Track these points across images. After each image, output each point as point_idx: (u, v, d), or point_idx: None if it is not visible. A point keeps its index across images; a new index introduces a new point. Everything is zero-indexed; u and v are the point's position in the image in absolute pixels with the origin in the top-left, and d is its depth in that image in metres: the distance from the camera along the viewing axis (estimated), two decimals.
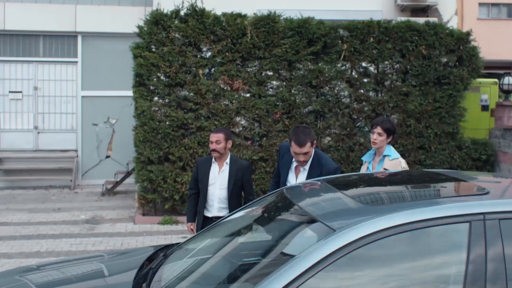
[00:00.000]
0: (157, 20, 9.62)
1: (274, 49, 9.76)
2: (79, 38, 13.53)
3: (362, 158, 5.42)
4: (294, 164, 4.99)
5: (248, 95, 9.93)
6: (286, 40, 9.77)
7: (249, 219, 3.53)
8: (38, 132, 13.58)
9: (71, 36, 13.53)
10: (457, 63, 10.18)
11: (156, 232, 9.18)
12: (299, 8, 10.72)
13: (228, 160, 5.43)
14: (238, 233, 3.42)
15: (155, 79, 9.64)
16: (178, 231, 9.25)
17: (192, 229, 5.61)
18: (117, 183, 12.59)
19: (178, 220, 9.79)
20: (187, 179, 9.63)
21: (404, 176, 3.89)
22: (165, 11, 9.72)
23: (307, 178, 4.81)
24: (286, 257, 2.64)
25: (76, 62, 13.56)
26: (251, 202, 3.90)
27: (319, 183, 3.50)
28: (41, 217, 10.12)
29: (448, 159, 10.15)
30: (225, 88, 9.80)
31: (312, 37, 9.85)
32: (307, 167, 4.89)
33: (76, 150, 13.65)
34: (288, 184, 4.95)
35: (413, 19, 10.74)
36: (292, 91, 9.93)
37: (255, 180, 9.84)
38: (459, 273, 2.53)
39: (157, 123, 9.63)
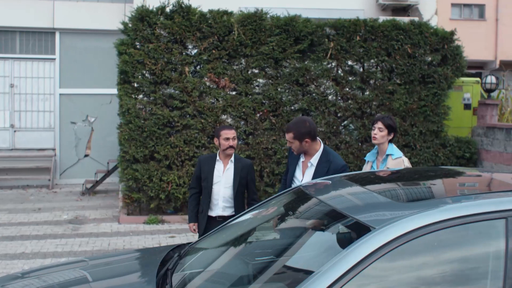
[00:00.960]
0: (143, 17, 9.47)
1: (261, 46, 9.71)
2: (57, 35, 13.25)
3: (365, 158, 5.38)
4: (302, 159, 4.96)
5: (234, 93, 9.86)
6: (273, 38, 9.72)
7: (270, 217, 3.47)
8: (15, 131, 13.26)
9: (49, 33, 13.25)
10: (441, 62, 10.26)
11: (143, 232, 9.04)
12: (282, 6, 10.68)
13: (232, 158, 5.35)
14: (263, 231, 3.35)
15: (140, 77, 9.49)
16: (165, 230, 9.12)
17: (194, 229, 5.49)
18: (97, 182, 12.38)
19: (164, 219, 9.67)
20: (173, 178, 9.52)
21: (427, 173, 3.86)
22: (150, 8, 9.57)
23: (314, 174, 4.79)
24: (325, 257, 2.59)
25: (54, 59, 13.28)
26: (266, 200, 3.82)
27: (341, 179, 3.45)
28: (22, 217, 9.87)
29: (432, 157, 10.25)
30: (212, 86, 9.70)
31: (299, 35, 9.83)
32: (314, 163, 4.86)
33: (54, 149, 13.37)
34: (295, 180, 4.92)
35: (398, 18, 10.78)
36: (279, 89, 9.89)
37: None
38: (498, 268, 2.51)
39: (143, 121, 9.48)
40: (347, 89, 10.13)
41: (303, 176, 4.89)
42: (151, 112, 9.51)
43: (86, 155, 13.58)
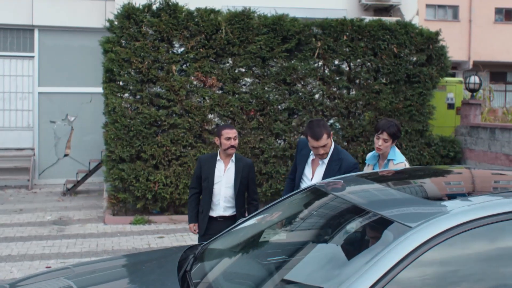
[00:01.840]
0: (129, 14, 9.33)
1: (249, 45, 9.66)
2: (36, 32, 13.00)
3: (366, 161, 5.31)
4: (311, 157, 4.93)
5: (220, 92, 9.79)
6: (260, 37, 9.69)
7: (291, 216, 3.43)
8: None
9: (28, 30, 12.99)
10: (426, 62, 10.36)
11: (130, 232, 8.91)
12: (266, 5, 10.64)
13: (233, 158, 5.29)
14: (287, 231, 3.31)
15: (126, 75, 9.35)
16: (152, 231, 9.01)
17: (195, 230, 5.42)
18: (79, 183, 12.18)
19: (150, 219, 9.55)
20: (160, 177, 9.41)
21: (446, 171, 3.87)
22: (136, 5, 9.44)
23: (326, 172, 4.78)
24: (361, 257, 2.56)
25: (33, 57, 13.03)
26: (279, 200, 3.78)
27: (360, 178, 3.43)
28: (3, 218, 9.64)
29: (418, 156, 10.34)
30: (199, 85, 9.62)
31: (287, 34, 9.81)
32: (326, 160, 4.83)
33: (32, 149, 13.11)
34: (304, 178, 4.89)
35: (384, 18, 10.84)
36: (266, 88, 9.86)
37: None
38: None
39: (129, 121, 9.35)
40: (334, 88, 10.16)
41: (313, 174, 4.87)
42: (138, 111, 9.38)
43: (65, 155, 13.35)
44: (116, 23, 9.41)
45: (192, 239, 8.54)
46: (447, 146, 10.56)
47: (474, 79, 10.98)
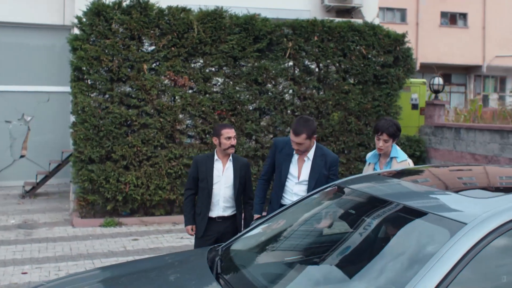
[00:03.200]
0: (99, 11, 9.08)
1: (221, 45, 9.58)
2: None
3: (366, 159, 5.34)
4: (296, 156, 4.97)
5: (190, 91, 9.66)
6: (232, 36, 9.62)
7: (320, 216, 3.41)
8: None
9: None
10: (393, 63, 10.56)
11: (102, 235, 8.67)
12: (229, 4, 10.53)
13: (231, 157, 5.23)
14: (326, 230, 3.29)
15: (96, 74, 9.09)
16: (125, 233, 8.80)
17: (193, 232, 5.30)
18: (38, 185, 11.77)
19: (121, 222, 9.34)
20: (130, 178, 9.21)
21: (469, 169, 3.94)
22: (106, 2, 9.20)
23: (312, 168, 4.88)
24: (418, 256, 2.57)
25: None
26: (302, 198, 3.76)
27: (385, 177, 3.45)
28: None
29: None
30: (170, 84, 9.47)
31: (258, 34, 9.80)
32: (311, 157, 4.93)
33: None
34: (290, 177, 4.91)
35: (353, 20, 10.99)
36: (237, 88, 9.81)
37: None
38: None
39: (99, 120, 9.10)
40: (305, 88, 10.21)
41: (300, 172, 4.93)
42: (108, 111, 9.14)
43: (22, 156, 12.89)
44: (84, 20, 9.13)
45: (167, 240, 8.41)
46: (413, 145, 10.82)
47: (438, 80, 11.29)
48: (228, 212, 5.21)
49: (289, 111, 10.09)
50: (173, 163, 9.44)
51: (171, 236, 8.70)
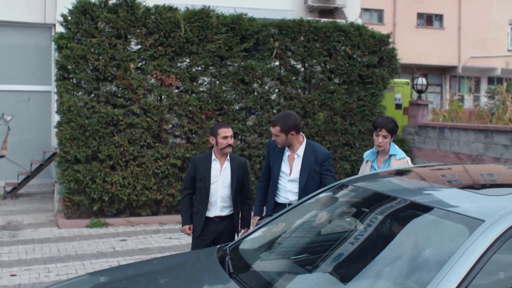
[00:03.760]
0: (85, 9, 8.98)
1: (208, 44, 9.56)
2: None
3: (364, 157, 5.38)
4: (287, 154, 5.02)
5: (176, 90, 9.62)
6: (219, 36, 9.61)
7: (330, 215, 3.43)
8: None
9: None
10: (377, 64, 10.65)
11: (89, 236, 8.57)
12: (213, 3, 10.49)
13: (228, 157, 5.22)
14: (339, 228, 3.30)
15: (82, 73, 8.98)
16: (112, 234, 8.71)
17: (190, 233, 5.27)
18: (20, 185, 11.59)
19: (107, 222, 9.24)
20: (117, 178, 9.13)
21: (474, 167, 3.99)
22: (92, 0, 9.10)
23: (302, 164, 4.92)
24: (438, 254, 2.60)
25: None
26: (302, 200, 3.78)
27: (395, 175, 3.49)
28: None
29: None
30: (157, 83, 9.41)
31: (245, 33, 9.80)
32: (301, 154, 4.98)
33: None
34: (282, 175, 4.95)
35: (339, 20, 11.05)
36: (224, 88, 9.79)
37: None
38: None
39: (85, 120, 9.00)
40: (291, 88, 10.24)
41: (291, 169, 4.98)
42: (94, 110, 9.04)
43: (1, 156, 12.66)
44: (70, 18, 9.01)
45: (156, 241, 8.35)
46: (397, 145, 10.87)
47: (422, 80, 11.43)
48: (225, 212, 5.20)
49: (275, 111, 10.11)
50: (160, 163, 9.38)
51: (159, 236, 8.64)
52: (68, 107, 8.94)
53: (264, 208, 5.25)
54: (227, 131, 5.16)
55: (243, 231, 5.34)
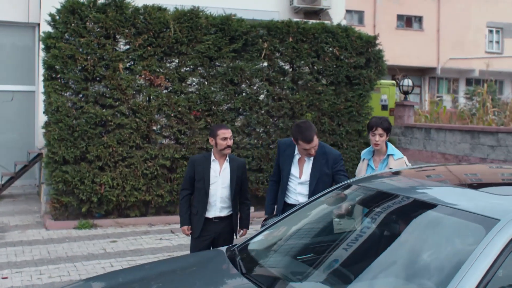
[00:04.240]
0: (74, 9, 8.89)
1: (197, 45, 9.54)
2: None
3: (361, 156, 5.45)
4: (297, 157, 5.05)
5: (165, 91, 9.58)
6: (209, 37, 9.60)
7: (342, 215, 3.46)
8: None
9: None
10: (364, 65, 10.73)
11: (78, 237, 8.49)
12: (201, 4, 10.47)
13: (227, 158, 5.23)
14: (349, 227, 3.34)
15: (71, 73, 8.90)
16: (102, 235, 8.65)
17: (189, 232, 5.27)
18: (4, 186, 11.42)
19: (96, 223, 9.17)
20: (106, 179, 9.06)
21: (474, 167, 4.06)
22: (81, 0, 9.02)
23: (313, 167, 4.97)
24: (455, 253, 2.65)
25: None
26: (314, 198, 3.80)
27: (399, 175, 3.53)
28: None
29: (357, 155, 10.69)
30: (146, 84, 9.36)
31: (234, 34, 9.80)
32: (311, 157, 4.94)
33: None
34: (292, 177, 4.97)
35: (326, 22, 11.11)
36: (213, 88, 9.78)
37: (176, 179, 9.57)
38: None
39: (73, 120, 8.92)
40: (279, 89, 10.27)
41: (301, 172, 5.01)
42: (83, 111, 8.96)
43: None
44: (58, 17, 8.92)
45: (147, 242, 8.31)
46: None
47: (407, 82, 11.56)
48: (224, 213, 5.22)
49: (263, 112, 10.13)
50: (149, 164, 9.34)
51: (150, 237, 8.60)
52: (57, 107, 8.84)
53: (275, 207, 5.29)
54: (226, 133, 5.18)
55: (241, 231, 5.37)
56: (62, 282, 6.43)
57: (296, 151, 5.05)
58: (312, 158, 4.98)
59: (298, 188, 4.99)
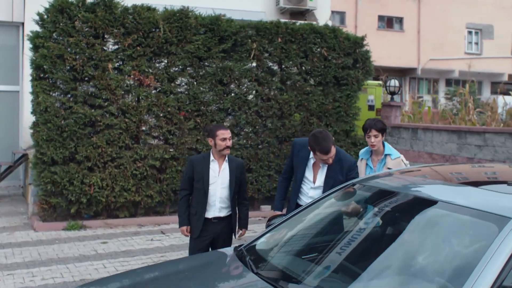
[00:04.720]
0: (62, 8, 8.81)
1: (187, 45, 9.52)
2: None
3: (359, 155, 5.50)
4: (312, 161, 5.03)
5: (155, 91, 9.55)
6: (198, 37, 9.59)
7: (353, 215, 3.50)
8: None
9: None
10: (352, 66, 10.81)
11: (68, 239, 8.42)
12: (190, 4, 10.45)
13: (226, 158, 5.23)
14: (361, 226, 3.37)
15: (59, 73, 8.82)
16: (92, 236, 8.59)
17: (188, 233, 5.26)
18: None
19: (85, 225, 9.10)
20: (95, 180, 9.00)
21: (484, 167, 4.12)
22: None
23: (327, 173, 4.94)
24: (469, 252, 2.69)
25: None
26: (316, 199, 3.84)
27: (406, 175, 3.58)
28: None
29: None
30: (135, 84, 9.32)
31: (224, 34, 9.80)
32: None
33: None
34: (306, 181, 4.98)
35: (314, 23, 11.16)
36: (202, 89, 9.77)
37: (165, 180, 9.54)
38: None
39: (62, 121, 8.84)
40: (268, 89, 10.30)
41: (315, 177, 4.99)
42: (72, 111, 8.89)
43: None
44: (46, 17, 8.83)
45: (138, 243, 8.28)
46: None
47: (394, 82, 11.67)
48: (224, 213, 5.22)
49: (252, 112, 10.15)
50: (138, 164, 9.30)
51: (140, 238, 8.57)
52: (45, 107, 8.75)
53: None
54: (225, 133, 5.19)
55: (240, 231, 5.39)
56: (56, 284, 6.38)
57: (311, 155, 5.02)
58: (327, 165, 4.96)
59: (310, 192, 4.98)
